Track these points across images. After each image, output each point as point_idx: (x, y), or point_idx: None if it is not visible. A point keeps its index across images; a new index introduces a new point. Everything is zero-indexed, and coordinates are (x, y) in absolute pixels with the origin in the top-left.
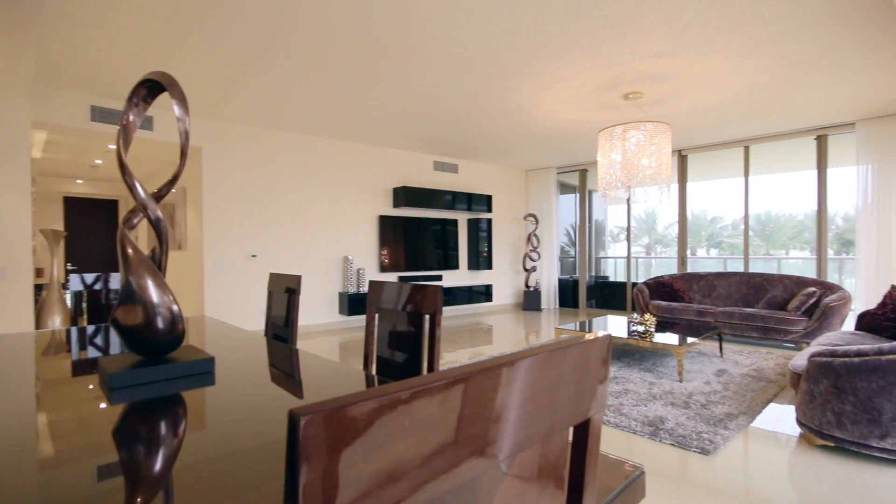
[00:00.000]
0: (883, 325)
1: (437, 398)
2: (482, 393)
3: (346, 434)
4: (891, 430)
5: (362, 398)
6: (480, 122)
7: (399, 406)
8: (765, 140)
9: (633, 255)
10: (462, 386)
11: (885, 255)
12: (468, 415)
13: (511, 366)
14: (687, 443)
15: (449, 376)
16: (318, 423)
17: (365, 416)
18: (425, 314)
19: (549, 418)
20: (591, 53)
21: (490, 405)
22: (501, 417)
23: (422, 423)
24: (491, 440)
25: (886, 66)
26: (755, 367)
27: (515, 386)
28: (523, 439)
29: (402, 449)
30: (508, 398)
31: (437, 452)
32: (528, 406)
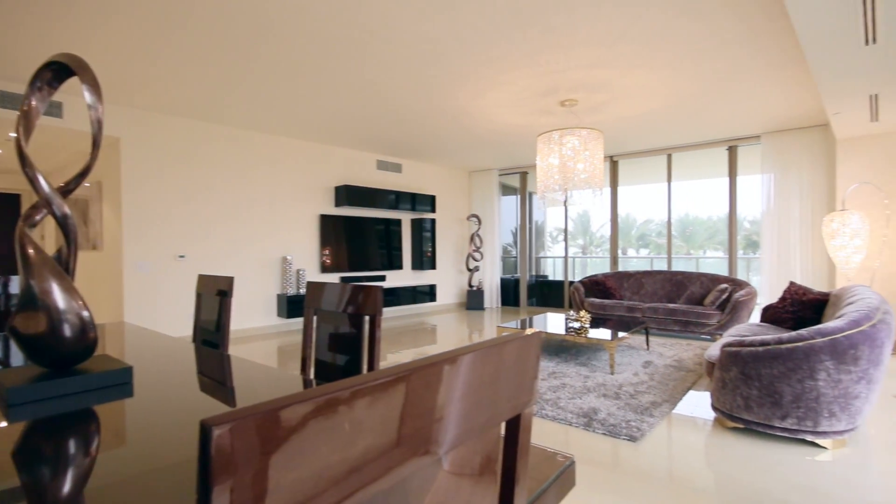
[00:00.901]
0: (783, 316)
1: (365, 400)
2: (415, 392)
3: (267, 442)
4: (790, 411)
5: (283, 404)
6: (424, 123)
7: (325, 409)
8: (685, 149)
9: (571, 255)
10: (395, 386)
11: (784, 255)
12: (401, 415)
13: (444, 364)
14: (617, 431)
15: (378, 377)
16: (234, 433)
17: (288, 422)
18: (365, 315)
19: (483, 414)
20: (529, 60)
21: (425, 404)
22: (436, 416)
23: (353, 426)
24: (425, 438)
25: (787, 86)
26: (677, 357)
27: (448, 384)
28: (457, 436)
29: (332, 454)
30: (443, 396)
31: (371, 454)
32: (463, 403)
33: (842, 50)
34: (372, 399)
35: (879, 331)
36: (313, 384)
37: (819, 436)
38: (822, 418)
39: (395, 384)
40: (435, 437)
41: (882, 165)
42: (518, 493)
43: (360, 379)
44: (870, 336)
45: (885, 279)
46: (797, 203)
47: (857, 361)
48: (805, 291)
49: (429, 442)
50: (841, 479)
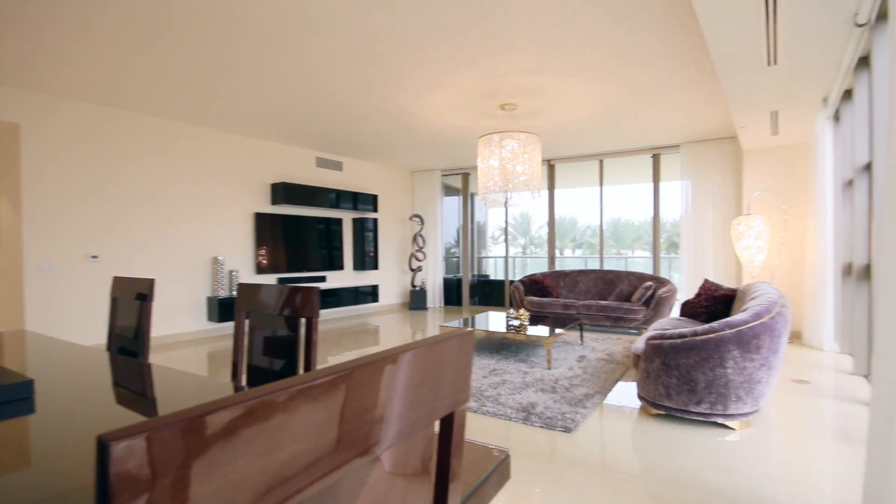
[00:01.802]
0: (698, 311)
1: (293, 403)
2: (352, 392)
3: (177, 456)
4: (704, 397)
5: (194, 413)
6: (366, 121)
7: (245, 416)
8: (615, 155)
9: (511, 255)
10: (327, 388)
11: (700, 255)
12: (337, 417)
13: (375, 365)
14: (553, 423)
15: (303, 380)
16: (137, 448)
17: (202, 432)
18: (301, 317)
19: (419, 413)
20: (471, 63)
21: (361, 405)
22: (371, 416)
23: (280, 431)
24: (364, 439)
25: (703, 99)
26: (608, 351)
27: (384, 384)
28: (394, 436)
29: (254, 462)
30: (379, 395)
31: (304, 459)
32: (400, 402)
33: (748, 70)
34: (300, 402)
35: (777, 322)
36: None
37: (728, 418)
38: (731, 402)
39: (327, 386)
40: (374, 438)
41: (781, 175)
42: (452, 490)
43: (283, 383)
44: (769, 327)
45: (783, 276)
46: (710, 208)
47: (759, 350)
48: (717, 288)
49: (367, 443)
50: (747, 457)
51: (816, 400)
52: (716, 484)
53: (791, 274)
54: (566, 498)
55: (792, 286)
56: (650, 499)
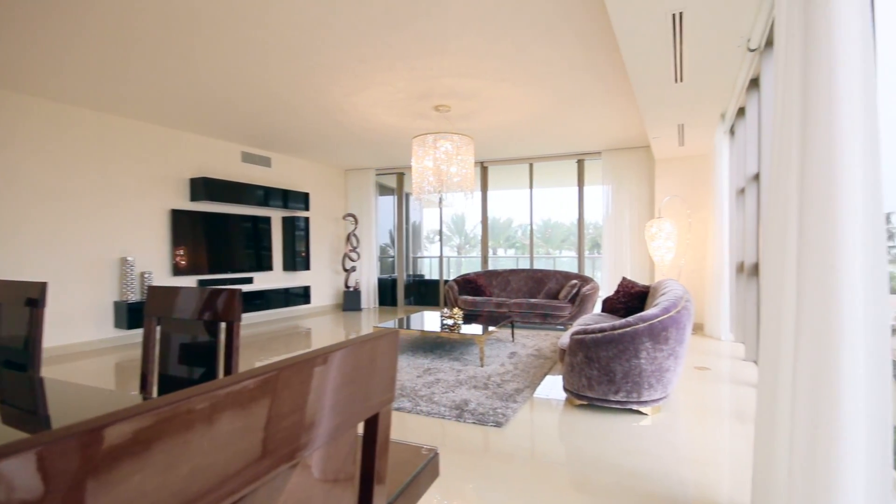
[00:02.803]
0: (617, 306)
1: (189, 416)
2: (274, 398)
3: (65, 475)
4: (622, 387)
5: (77, 430)
6: (297, 115)
7: (141, 431)
8: (544, 159)
9: (446, 255)
10: (235, 396)
11: (619, 255)
12: (246, 427)
13: (294, 368)
14: (485, 419)
15: (215, 387)
16: (17, 471)
17: (85, 451)
18: (221, 322)
19: (343, 415)
20: (404, 63)
21: (284, 409)
22: (286, 423)
23: (179, 446)
24: (286, 446)
25: (621, 111)
26: (537, 347)
27: (304, 387)
28: (315, 441)
29: (152, 481)
30: (299, 400)
31: (208, 475)
32: (321, 406)
33: (658, 85)
34: (213, 410)
35: (683, 316)
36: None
37: (642, 404)
38: (644, 390)
39: (240, 393)
40: (297, 443)
41: (687, 182)
42: (377, 493)
43: (185, 393)
44: (676, 320)
45: (688, 274)
46: (628, 211)
47: (668, 341)
48: (633, 285)
49: (291, 449)
50: (658, 439)
51: (715, 384)
52: (631, 466)
53: (695, 272)
54: (497, 490)
55: (696, 283)
56: (573, 485)
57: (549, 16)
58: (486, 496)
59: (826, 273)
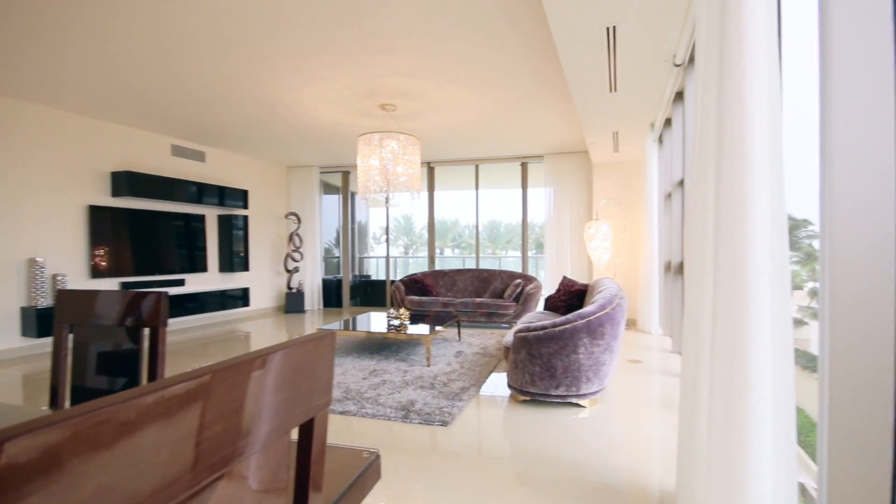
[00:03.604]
0: (558, 304)
1: (107, 429)
2: (172, 411)
3: None
4: (562, 381)
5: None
6: (234, 109)
7: (34, 448)
8: (489, 161)
9: (393, 255)
10: (158, 405)
11: (560, 255)
12: (155, 441)
13: (222, 374)
14: (432, 419)
15: (125, 397)
16: None
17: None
18: (144, 328)
19: (276, 421)
20: (348, 59)
21: (188, 424)
22: (209, 434)
23: (92, 462)
24: (191, 461)
25: (562, 116)
26: (483, 346)
27: (224, 397)
28: (247, 450)
29: (49, 502)
30: (221, 409)
31: (128, 491)
32: (254, 412)
33: (595, 94)
34: (118, 424)
35: (617, 312)
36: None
37: (581, 398)
38: (582, 383)
39: (161, 402)
40: (223, 454)
41: (621, 186)
42: (313, 500)
43: (94, 404)
44: (611, 317)
45: (623, 273)
46: (568, 212)
47: (604, 336)
48: (573, 284)
49: (222, 459)
50: (595, 430)
51: (646, 376)
52: (571, 457)
53: (629, 270)
54: (444, 489)
55: (629, 281)
56: (517, 478)
57: (495, 22)
58: (432, 495)
59: (738, 271)
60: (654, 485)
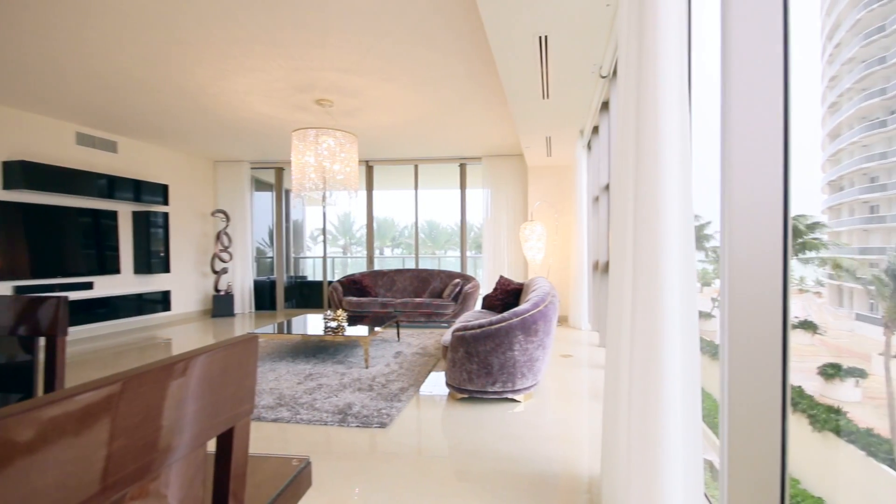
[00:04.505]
0: (495, 303)
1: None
2: (66, 426)
3: None
4: (498, 378)
5: None
6: (152, 96)
7: None
8: (429, 161)
9: (331, 255)
10: (56, 419)
11: (497, 255)
12: (42, 461)
13: (132, 383)
14: (370, 421)
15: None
16: None
17: None
18: (39, 337)
19: (191, 432)
20: (281, 51)
21: (87, 440)
22: (109, 451)
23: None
24: (93, 481)
25: (499, 120)
26: (422, 345)
27: (133, 408)
28: (153, 465)
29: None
30: (126, 422)
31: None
32: (157, 426)
33: (529, 100)
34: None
35: (550, 310)
36: None
37: (516, 393)
38: (517, 379)
39: (56, 419)
40: (130, 471)
41: (554, 189)
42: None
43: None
44: (544, 314)
45: (556, 272)
46: (505, 214)
47: (538, 333)
48: (509, 283)
49: (122, 477)
50: (529, 423)
51: (577, 369)
52: (507, 451)
53: (561, 270)
54: (382, 491)
55: (562, 279)
56: (455, 475)
57: (431, 22)
58: (371, 498)
59: (653, 270)
60: (583, 472)
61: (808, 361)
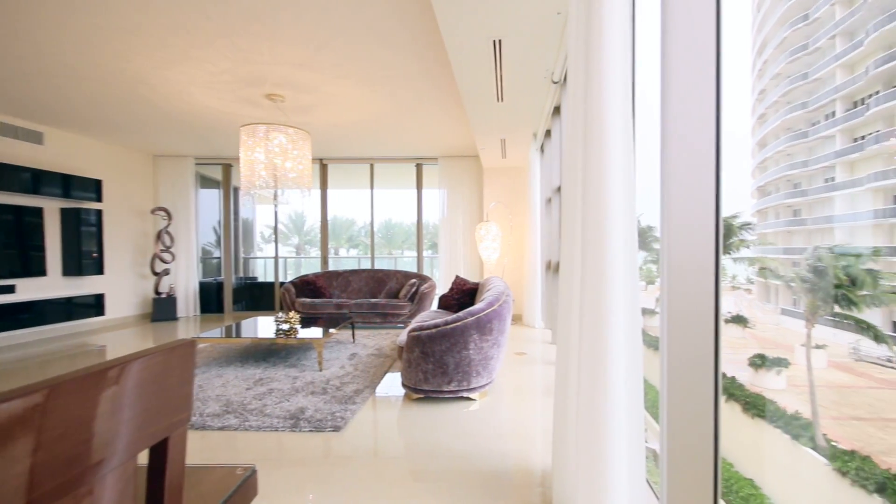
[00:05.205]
0: (451, 303)
1: None
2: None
3: None
4: (454, 377)
5: None
6: (82, 84)
7: None
8: (385, 161)
9: (283, 255)
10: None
11: (453, 254)
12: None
13: (53, 393)
14: (323, 425)
15: None
16: None
17: None
18: None
19: (115, 446)
20: (228, 41)
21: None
22: (35, 464)
23: None
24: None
25: (455, 121)
26: (377, 346)
27: (56, 420)
28: (76, 481)
29: None
30: (47, 436)
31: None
32: (81, 438)
33: (484, 102)
34: None
35: (504, 308)
36: None
37: (472, 391)
38: (473, 378)
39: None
40: (49, 488)
41: (508, 190)
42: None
43: None
44: (498, 313)
45: (510, 271)
46: (461, 214)
47: (492, 332)
48: (465, 282)
49: (41, 494)
50: (484, 421)
51: (531, 366)
52: (462, 449)
53: (516, 269)
54: (337, 495)
55: (516, 279)
56: (411, 475)
57: (387, 21)
58: (325, 503)
59: (600, 269)
60: (537, 466)
61: (740, 353)
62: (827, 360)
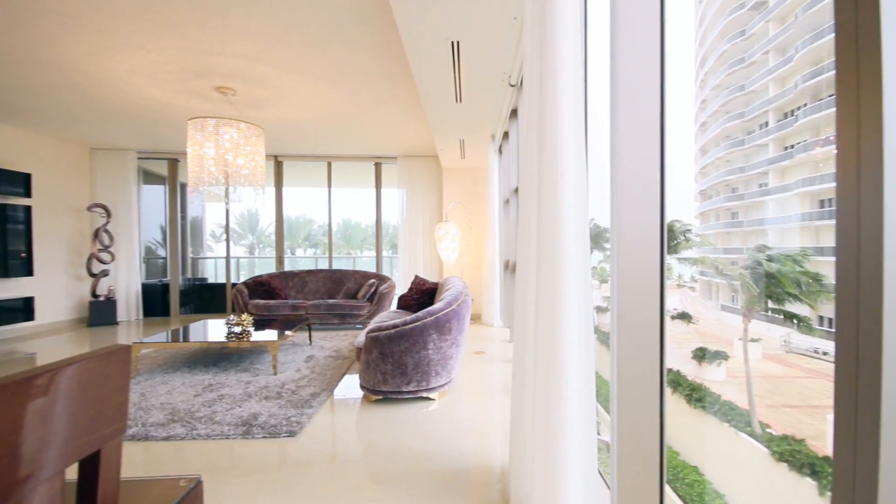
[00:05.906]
0: (410, 303)
1: None
2: None
3: None
4: (413, 377)
5: None
6: (10, 70)
7: None
8: (343, 159)
9: (235, 255)
10: None
11: (413, 254)
12: None
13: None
14: (277, 431)
15: None
16: None
17: None
18: None
19: (38, 461)
20: (174, 30)
21: None
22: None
23: None
24: None
25: (414, 121)
26: (335, 348)
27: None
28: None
29: None
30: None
31: None
32: (12, 450)
33: (443, 102)
34: None
35: (462, 308)
36: None
37: (431, 391)
38: (432, 377)
39: None
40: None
41: (467, 190)
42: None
43: None
44: (457, 312)
45: (469, 270)
46: (421, 214)
47: (451, 331)
48: (424, 282)
49: None
50: (443, 420)
51: (489, 365)
52: (422, 449)
53: (475, 269)
54: (294, 502)
55: (475, 278)
56: (370, 477)
57: (343, 18)
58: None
59: (554, 268)
60: (495, 463)
61: (685, 347)
62: (762, 353)
